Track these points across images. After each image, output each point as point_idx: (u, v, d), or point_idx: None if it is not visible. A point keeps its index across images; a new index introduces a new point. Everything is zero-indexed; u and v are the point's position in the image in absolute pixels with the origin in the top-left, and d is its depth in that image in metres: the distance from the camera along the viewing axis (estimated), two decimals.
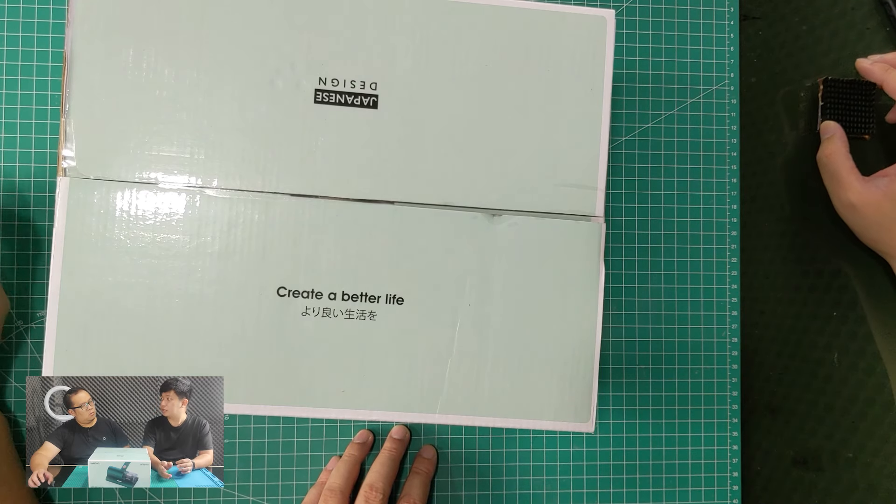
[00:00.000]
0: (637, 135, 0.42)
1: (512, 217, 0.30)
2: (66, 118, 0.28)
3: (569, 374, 0.30)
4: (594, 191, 0.30)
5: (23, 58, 0.38)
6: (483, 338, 0.30)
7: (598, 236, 0.30)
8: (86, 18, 0.28)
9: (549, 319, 0.30)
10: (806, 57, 0.44)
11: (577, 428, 0.30)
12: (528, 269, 0.30)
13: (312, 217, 0.29)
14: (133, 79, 0.28)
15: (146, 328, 0.28)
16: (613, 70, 0.31)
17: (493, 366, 0.30)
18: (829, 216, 0.41)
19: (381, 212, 0.29)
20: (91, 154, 0.28)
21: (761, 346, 0.44)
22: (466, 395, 0.30)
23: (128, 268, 0.28)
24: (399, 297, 0.29)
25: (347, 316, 0.29)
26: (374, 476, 0.35)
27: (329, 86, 0.29)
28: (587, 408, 0.30)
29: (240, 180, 0.29)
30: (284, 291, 0.29)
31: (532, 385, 0.30)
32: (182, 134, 0.29)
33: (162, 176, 0.29)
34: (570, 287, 0.30)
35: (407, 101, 0.30)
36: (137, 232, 0.28)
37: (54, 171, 0.39)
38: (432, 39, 0.30)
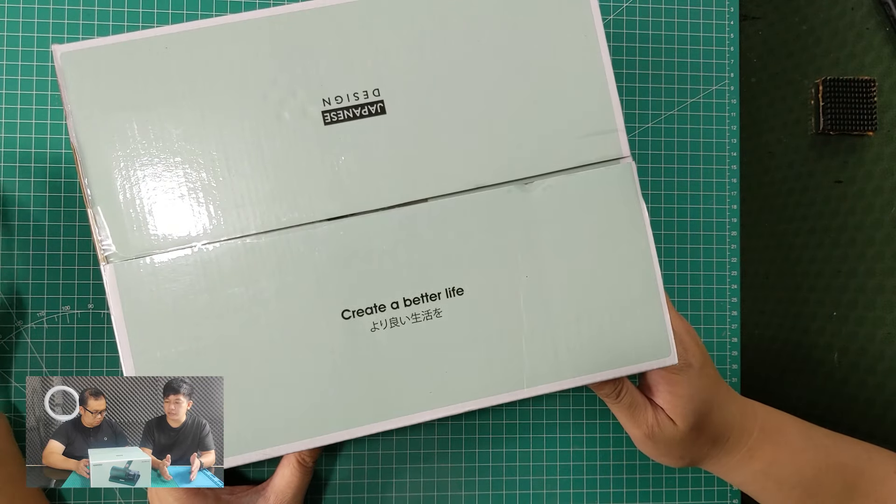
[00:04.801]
0: (637, 135, 0.42)
1: (544, 181, 0.30)
2: (92, 207, 0.28)
3: (639, 314, 0.30)
4: (614, 132, 0.30)
5: (23, 58, 0.38)
6: (548, 305, 0.30)
7: (630, 176, 0.30)
8: (82, 105, 0.28)
9: (606, 268, 0.30)
10: (806, 57, 0.44)
11: (662, 364, 0.31)
12: (572, 227, 0.30)
13: (354, 235, 0.29)
14: (144, 150, 0.29)
15: (227, 389, 0.29)
16: (613, 71, 0.31)
17: (565, 328, 0.30)
18: (828, 216, 0.41)
19: (418, 212, 0.29)
20: (126, 234, 0.28)
21: (761, 346, 0.44)
22: (548, 363, 0.30)
23: (192, 333, 0.28)
24: (458, 289, 0.30)
25: (415, 320, 0.29)
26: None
27: (334, 104, 0.29)
28: (665, 342, 0.30)
29: (276, 219, 0.29)
30: (349, 314, 0.29)
31: (607, 336, 0.30)
32: (207, 189, 0.29)
33: (199, 234, 0.29)
34: (617, 232, 0.30)
35: (412, 97, 0.30)
36: (192, 296, 0.28)
37: (55, 169, 0.39)
38: (421, 32, 0.30)
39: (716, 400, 0.34)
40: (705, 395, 0.33)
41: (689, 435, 0.33)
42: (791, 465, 0.34)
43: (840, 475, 0.34)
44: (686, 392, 0.33)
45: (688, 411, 0.33)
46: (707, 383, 0.33)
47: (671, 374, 0.33)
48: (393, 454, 0.40)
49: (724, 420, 0.34)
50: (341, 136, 0.29)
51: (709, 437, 0.34)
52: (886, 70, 0.41)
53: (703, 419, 0.33)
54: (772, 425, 0.35)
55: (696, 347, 0.33)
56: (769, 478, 0.35)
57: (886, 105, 0.41)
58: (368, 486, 0.40)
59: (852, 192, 0.42)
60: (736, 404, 0.35)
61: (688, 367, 0.33)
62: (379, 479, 0.40)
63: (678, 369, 0.32)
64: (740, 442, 0.35)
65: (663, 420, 0.33)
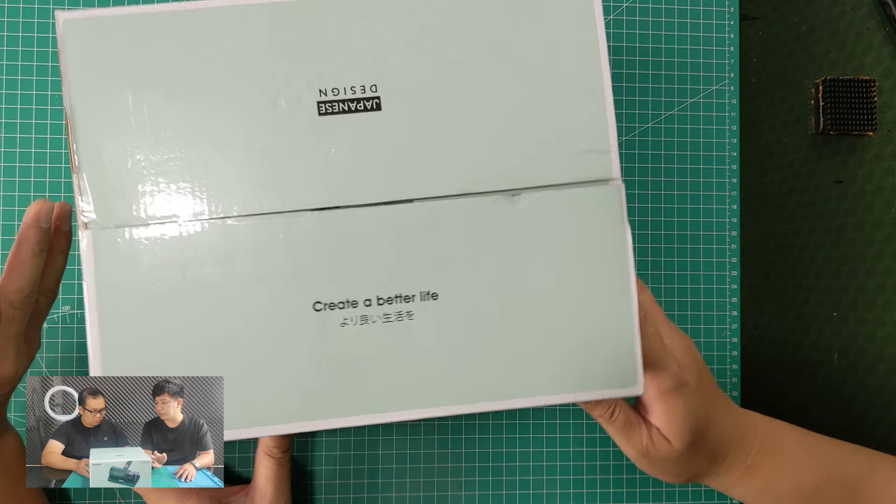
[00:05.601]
0: (637, 135, 0.42)
1: (531, 194, 0.30)
2: (78, 173, 0.28)
3: (610, 340, 0.30)
4: (607, 153, 0.30)
5: (23, 58, 0.39)
6: (521, 320, 0.30)
7: (618, 199, 0.30)
8: (80, 72, 0.28)
9: (583, 290, 0.30)
10: (806, 57, 0.44)
11: (627, 393, 0.30)
12: (554, 244, 0.30)
13: (335, 228, 0.29)
14: (136, 123, 0.28)
15: (188, 367, 0.28)
16: (613, 70, 0.31)
17: (534, 346, 0.30)
18: (828, 216, 0.41)
19: (403, 212, 0.29)
20: (108, 203, 0.28)
21: (761, 346, 0.44)
22: (515, 378, 0.29)
23: (162, 309, 0.28)
24: (433, 293, 0.29)
25: (386, 320, 0.29)
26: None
27: (330, 96, 0.29)
28: (633, 372, 0.30)
29: (259, 204, 0.29)
30: (320, 306, 0.29)
31: (575, 358, 0.30)
32: (194, 168, 0.29)
33: (181, 212, 0.29)
34: (598, 253, 0.30)
35: (408, 96, 0.30)
36: (166, 272, 0.28)
37: (55, 169, 0.39)
38: (422, 29, 0.30)
39: (713, 417, 0.33)
40: (701, 413, 0.33)
41: (686, 453, 0.33)
42: (791, 480, 0.34)
43: (841, 486, 0.34)
44: (681, 411, 0.32)
45: (683, 430, 0.32)
46: (704, 401, 0.33)
47: (666, 393, 0.32)
48: (393, 454, 0.40)
49: (721, 437, 0.34)
50: (334, 128, 0.29)
51: (706, 455, 0.33)
52: (886, 70, 0.41)
53: (699, 437, 0.33)
54: (771, 439, 0.35)
55: (693, 365, 0.33)
56: (769, 494, 0.34)
57: (886, 105, 0.41)
58: (368, 486, 0.40)
59: (852, 192, 0.42)
60: (734, 419, 0.34)
61: (683, 386, 0.32)
62: (379, 479, 0.40)
63: (673, 388, 0.32)
64: (739, 458, 0.34)
65: (658, 439, 0.33)
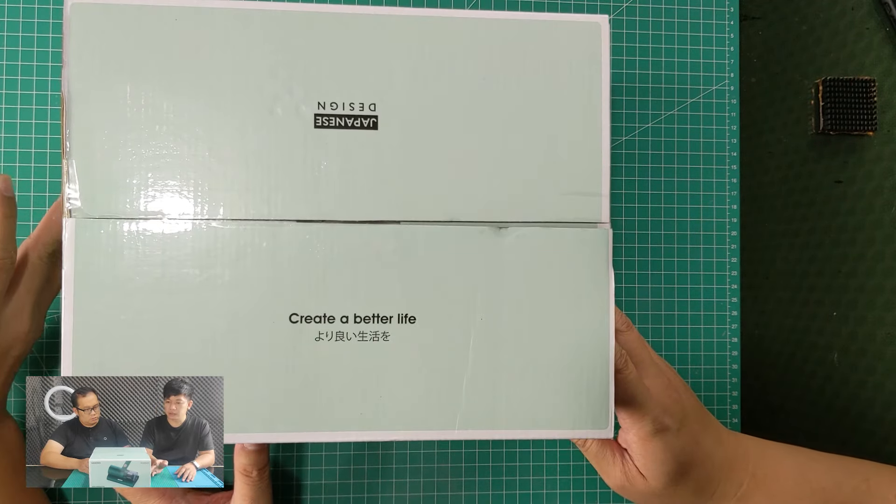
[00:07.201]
0: (637, 135, 0.42)
1: (518, 229, 0.30)
2: (68, 159, 0.28)
3: (584, 382, 0.30)
4: (598, 197, 0.30)
5: (23, 58, 0.38)
6: (497, 351, 0.30)
7: (605, 243, 0.30)
8: (81, 58, 0.28)
9: (562, 329, 0.30)
10: (806, 57, 0.44)
11: (597, 435, 0.30)
12: (537, 280, 0.30)
13: (319, 242, 0.29)
14: (132, 115, 0.28)
15: (161, 366, 0.28)
16: (613, 70, 0.31)
17: (508, 379, 0.30)
18: (828, 216, 0.41)
19: (388, 232, 0.29)
20: (95, 193, 0.28)
21: (761, 346, 0.44)
22: (484, 409, 0.30)
23: (139, 305, 0.28)
24: (411, 317, 0.29)
25: (361, 338, 0.29)
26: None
27: (328, 109, 0.29)
28: (605, 415, 0.30)
29: (245, 209, 0.29)
30: (297, 318, 0.29)
31: (548, 395, 0.30)
32: (184, 167, 0.29)
33: (167, 209, 0.29)
34: (580, 295, 0.30)
35: (406, 119, 0.30)
36: (146, 268, 0.28)
37: (54, 169, 0.39)
38: (427, 56, 0.30)
39: (696, 457, 0.32)
40: (683, 457, 0.31)
41: (665, 490, 0.32)
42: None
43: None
44: (660, 456, 0.31)
45: (661, 473, 0.31)
46: (686, 444, 0.31)
47: (645, 438, 0.31)
48: (393, 454, 0.40)
49: (707, 473, 0.32)
50: (329, 141, 0.29)
51: (690, 491, 0.32)
52: (886, 70, 0.41)
53: (680, 477, 0.31)
54: (764, 471, 0.33)
55: (676, 406, 0.32)
56: None
57: (886, 105, 0.41)
58: (368, 486, 0.40)
59: (852, 192, 0.42)
60: (724, 452, 0.33)
61: (664, 431, 0.31)
62: (379, 479, 0.40)
63: (653, 433, 0.31)
64: (729, 491, 0.33)
65: (634, 475, 0.32)
